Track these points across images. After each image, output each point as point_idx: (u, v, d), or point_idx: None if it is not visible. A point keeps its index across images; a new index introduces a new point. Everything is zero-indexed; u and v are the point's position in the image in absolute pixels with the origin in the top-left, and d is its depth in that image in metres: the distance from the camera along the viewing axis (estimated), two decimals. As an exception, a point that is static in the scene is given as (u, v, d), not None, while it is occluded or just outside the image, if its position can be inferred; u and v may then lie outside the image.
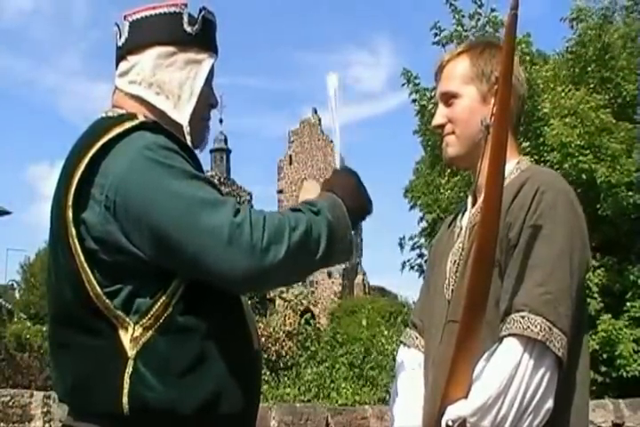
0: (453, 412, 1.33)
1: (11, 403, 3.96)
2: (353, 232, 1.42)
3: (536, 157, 9.04)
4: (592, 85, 9.96)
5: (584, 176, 9.04)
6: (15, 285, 31.04)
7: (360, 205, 1.47)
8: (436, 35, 10.69)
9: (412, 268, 11.75)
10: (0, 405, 3.90)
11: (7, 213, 20.75)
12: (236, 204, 1.33)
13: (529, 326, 1.32)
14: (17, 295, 29.97)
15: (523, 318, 1.33)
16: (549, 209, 1.40)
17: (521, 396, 1.30)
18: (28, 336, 13.52)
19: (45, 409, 4.06)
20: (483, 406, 1.30)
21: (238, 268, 1.26)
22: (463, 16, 10.67)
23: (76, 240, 1.33)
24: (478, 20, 10.66)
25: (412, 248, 11.83)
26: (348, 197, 1.44)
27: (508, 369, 1.31)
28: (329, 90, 1.57)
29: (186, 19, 1.51)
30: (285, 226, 1.31)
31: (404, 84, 10.94)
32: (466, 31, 10.55)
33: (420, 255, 11.72)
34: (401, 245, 11.75)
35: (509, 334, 1.34)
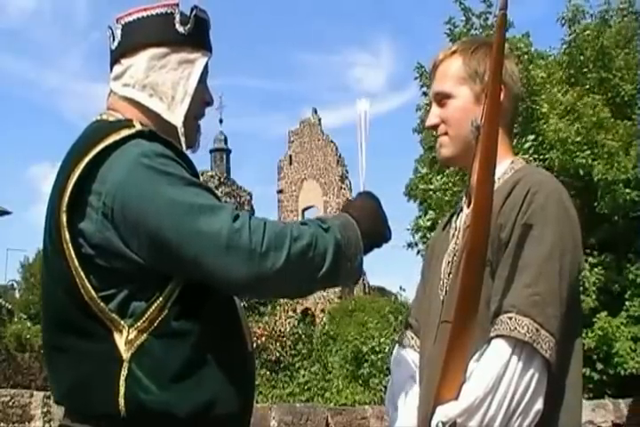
0: (443, 413, 1.32)
1: (11, 403, 3.97)
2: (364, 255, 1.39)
3: (535, 156, 9.05)
4: (589, 86, 9.94)
5: (581, 172, 9.05)
6: (15, 285, 31.00)
7: (376, 230, 1.45)
8: (450, 30, 10.64)
9: (418, 253, 11.78)
10: (0, 405, 3.91)
11: (7, 213, 20.73)
12: (234, 209, 1.33)
13: (516, 328, 1.31)
14: (17, 295, 29.91)
15: (510, 319, 1.32)
16: (540, 210, 1.39)
17: (509, 397, 1.29)
18: (28, 336, 13.52)
19: (45, 409, 4.08)
20: (470, 406, 1.29)
21: (236, 271, 1.27)
22: (473, 14, 10.62)
23: (70, 245, 1.33)
24: (487, 19, 10.62)
25: (423, 241, 11.92)
26: (364, 219, 1.42)
27: (495, 370, 1.30)
28: (358, 112, 1.58)
29: (177, 19, 1.49)
30: (287, 234, 1.30)
31: (416, 78, 10.92)
32: (475, 30, 10.49)
33: (425, 243, 11.77)
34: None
35: (497, 336, 1.33)
